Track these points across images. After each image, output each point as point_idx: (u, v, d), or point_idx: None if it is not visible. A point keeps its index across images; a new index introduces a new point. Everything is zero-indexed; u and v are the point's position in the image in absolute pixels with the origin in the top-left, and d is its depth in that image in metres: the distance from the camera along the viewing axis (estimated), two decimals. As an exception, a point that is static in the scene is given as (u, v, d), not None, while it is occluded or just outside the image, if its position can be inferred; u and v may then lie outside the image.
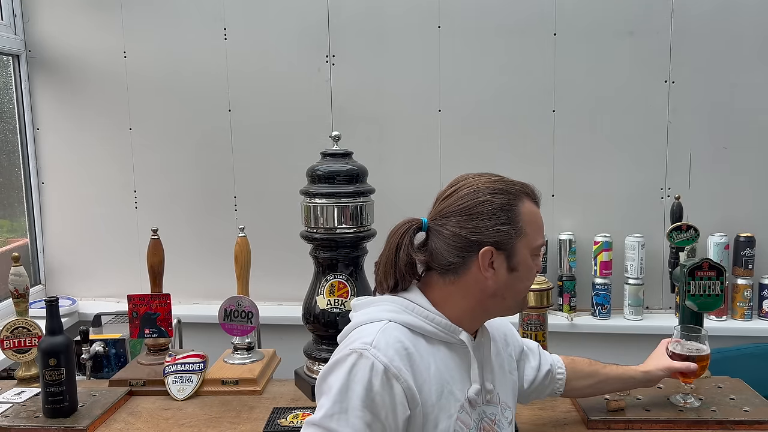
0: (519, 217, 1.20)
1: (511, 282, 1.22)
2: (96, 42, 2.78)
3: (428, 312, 1.21)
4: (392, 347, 1.13)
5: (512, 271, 1.21)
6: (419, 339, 1.19)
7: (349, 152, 1.89)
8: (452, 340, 1.22)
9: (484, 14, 2.60)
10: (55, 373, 1.66)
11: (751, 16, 2.50)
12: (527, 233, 1.21)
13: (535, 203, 1.25)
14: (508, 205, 1.20)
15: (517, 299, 1.27)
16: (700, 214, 2.39)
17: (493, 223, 1.19)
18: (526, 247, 1.21)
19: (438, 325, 1.21)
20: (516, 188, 1.24)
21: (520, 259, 1.21)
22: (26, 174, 2.88)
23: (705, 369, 1.66)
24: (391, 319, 1.19)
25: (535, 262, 1.25)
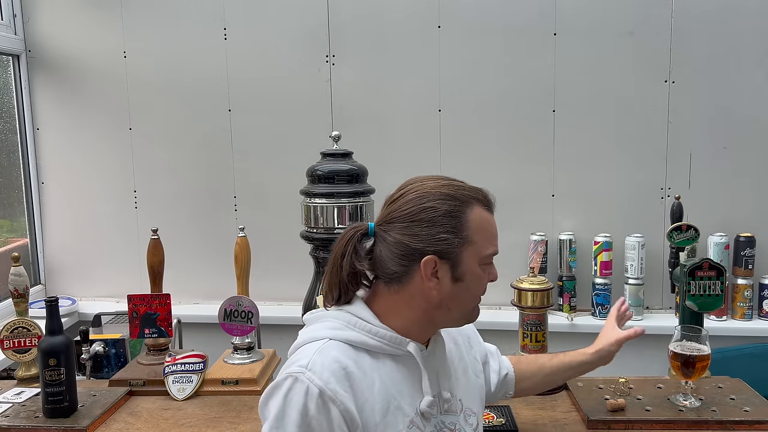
0: (465, 225, 1.14)
1: (457, 292, 1.16)
2: (96, 42, 2.78)
3: (371, 326, 1.16)
4: (328, 369, 1.09)
5: (457, 282, 1.16)
6: (362, 355, 1.14)
7: (349, 152, 1.89)
8: (399, 352, 1.17)
9: (484, 14, 2.60)
10: (55, 373, 1.66)
11: (751, 16, 2.50)
12: (475, 242, 1.15)
13: (488, 209, 1.19)
14: (454, 211, 1.14)
15: (464, 310, 1.21)
16: (701, 214, 2.39)
17: (436, 231, 1.13)
18: (474, 256, 1.16)
19: (382, 338, 1.16)
20: (465, 193, 1.17)
21: (466, 268, 1.15)
22: (26, 174, 2.88)
23: (705, 369, 1.66)
24: (331, 337, 1.15)
25: (488, 271, 1.20)
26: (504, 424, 1.63)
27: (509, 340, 2.03)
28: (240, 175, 2.79)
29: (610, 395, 1.72)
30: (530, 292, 1.84)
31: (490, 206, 1.20)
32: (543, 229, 2.65)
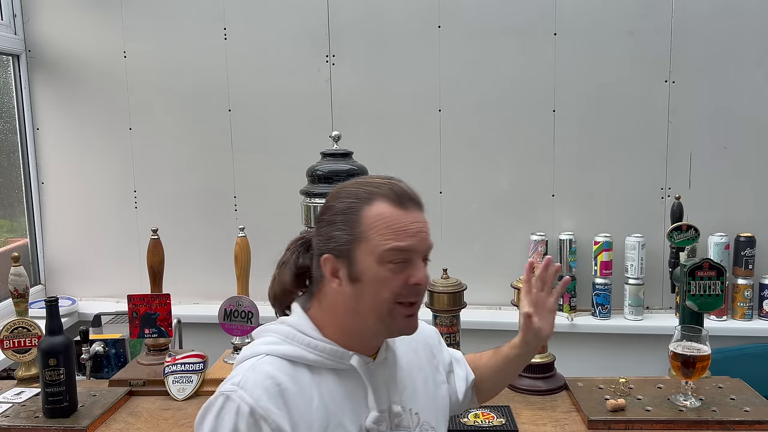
0: (360, 221, 1.08)
1: (358, 294, 1.09)
2: (96, 42, 2.78)
3: (310, 338, 1.11)
4: (260, 385, 1.05)
5: (355, 282, 1.09)
6: (301, 370, 1.10)
7: (349, 152, 1.89)
8: (342, 366, 1.12)
9: (484, 14, 2.60)
10: (55, 373, 1.66)
11: (751, 16, 2.50)
12: (369, 238, 1.07)
13: (396, 204, 1.09)
14: (350, 208, 1.09)
15: (378, 315, 1.10)
16: (701, 214, 2.39)
17: (331, 229, 1.10)
18: (369, 253, 1.07)
19: (322, 352, 1.11)
20: (369, 189, 1.11)
21: (362, 267, 1.08)
22: (26, 174, 2.88)
23: (705, 369, 1.66)
24: (268, 352, 1.11)
25: (402, 272, 1.08)
26: (504, 424, 1.63)
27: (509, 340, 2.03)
28: (240, 175, 2.79)
29: (611, 395, 1.72)
30: (530, 292, 1.83)
31: (401, 200, 1.10)
32: (543, 229, 2.65)
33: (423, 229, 1.11)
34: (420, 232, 1.10)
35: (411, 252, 1.08)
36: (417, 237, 1.09)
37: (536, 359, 1.85)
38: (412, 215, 1.10)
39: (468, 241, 2.70)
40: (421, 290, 1.11)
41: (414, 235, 1.08)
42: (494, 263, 2.67)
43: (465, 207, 2.70)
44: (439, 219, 2.69)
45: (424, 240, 1.10)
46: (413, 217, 1.10)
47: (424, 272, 1.10)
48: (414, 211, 1.10)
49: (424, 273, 1.10)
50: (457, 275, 1.93)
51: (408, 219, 1.09)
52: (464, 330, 1.92)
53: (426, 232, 1.11)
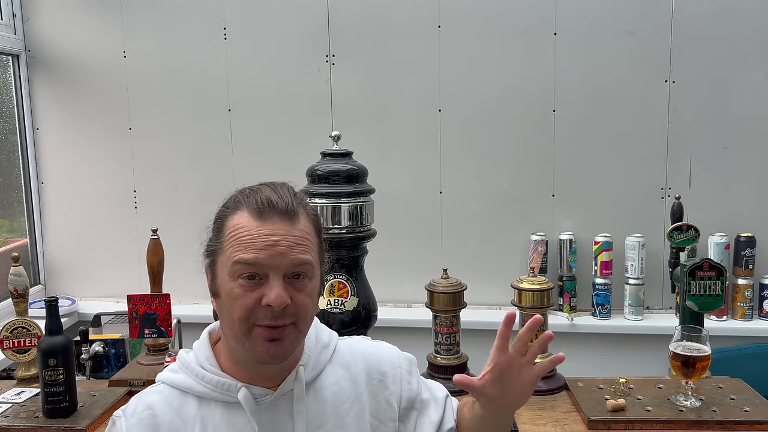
0: (223, 231, 1.03)
1: (220, 310, 1.05)
2: (96, 42, 2.78)
3: (199, 368, 1.07)
4: (138, 416, 1.04)
5: (216, 297, 1.05)
6: (190, 402, 1.05)
7: (349, 152, 1.89)
8: (231, 399, 1.04)
9: (484, 14, 2.60)
10: (55, 373, 1.66)
11: (751, 15, 2.50)
12: (225, 249, 1.01)
13: (256, 215, 1.00)
14: (219, 216, 1.06)
15: (235, 336, 1.01)
16: (701, 214, 2.39)
17: (207, 239, 1.08)
18: (224, 265, 1.02)
19: (209, 383, 1.05)
20: (238, 198, 1.05)
21: (219, 281, 1.03)
22: (26, 174, 2.87)
23: (705, 369, 1.66)
24: (164, 380, 1.09)
25: (249, 288, 0.98)
26: (504, 425, 1.62)
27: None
28: (240, 175, 2.78)
29: (611, 395, 1.72)
30: (530, 292, 1.84)
31: (261, 210, 1.00)
32: (543, 229, 2.65)
33: (281, 243, 0.98)
34: (273, 246, 0.98)
35: (260, 266, 0.98)
36: (268, 251, 0.98)
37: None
38: (270, 227, 0.99)
39: (468, 241, 2.70)
40: (277, 312, 0.98)
41: (264, 248, 0.97)
42: (494, 263, 2.67)
43: (465, 207, 2.70)
44: (439, 219, 2.69)
45: (280, 255, 0.98)
46: (270, 229, 0.99)
47: (278, 291, 0.97)
48: (274, 222, 0.99)
49: (278, 292, 0.97)
50: (457, 275, 1.93)
51: (261, 231, 0.99)
52: (464, 330, 1.92)
53: (288, 246, 0.99)
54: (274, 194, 1.01)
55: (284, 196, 1.02)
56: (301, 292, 1.01)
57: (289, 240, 0.99)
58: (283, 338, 1.00)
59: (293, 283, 1.00)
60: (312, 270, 1.03)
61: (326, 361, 1.12)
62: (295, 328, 1.02)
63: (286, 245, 0.99)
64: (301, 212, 1.03)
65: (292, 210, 1.01)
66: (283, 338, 1.00)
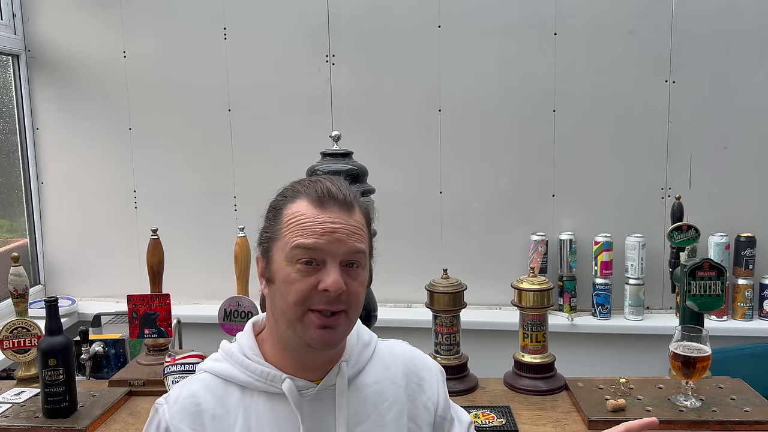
0: (280, 218, 1.04)
1: (272, 296, 1.05)
2: (96, 42, 2.78)
3: (244, 357, 1.08)
4: (180, 403, 1.05)
5: (270, 283, 1.05)
6: (232, 391, 1.06)
7: (349, 152, 1.89)
8: (275, 390, 1.05)
9: (484, 14, 2.60)
10: (55, 373, 1.66)
11: (751, 15, 2.50)
12: (283, 236, 1.02)
13: (316, 203, 1.03)
14: (276, 206, 1.07)
15: (287, 321, 1.02)
16: (701, 214, 2.39)
17: (262, 227, 1.08)
18: (281, 251, 1.02)
19: (253, 372, 1.06)
20: (296, 188, 1.07)
21: (275, 267, 1.03)
22: (26, 174, 2.87)
23: (706, 369, 1.66)
24: (207, 368, 1.10)
25: (306, 272, 1.00)
26: (504, 425, 1.63)
27: (509, 340, 2.03)
28: (240, 175, 2.79)
29: (611, 395, 1.72)
30: (530, 292, 1.84)
31: (321, 199, 1.03)
32: (543, 229, 2.64)
33: (340, 230, 1.01)
34: (333, 232, 1.01)
35: (319, 252, 1.00)
36: (327, 237, 1.00)
37: (536, 359, 1.85)
38: (330, 215, 1.02)
39: (468, 241, 2.70)
40: (332, 298, 1.00)
41: (324, 234, 1.00)
42: (494, 263, 2.67)
43: (465, 207, 2.70)
44: (439, 219, 2.69)
45: (339, 242, 1.01)
46: (330, 217, 1.01)
47: (336, 277, 0.99)
48: (334, 211, 1.02)
49: (336, 278, 0.99)
50: (457, 275, 1.93)
51: (321, 218, 1.01)
52: (464, 330, 1.92)
53: (346, 234, 1.01)
54: (333, 185, 1.05)
55: (342, 188, 1.05)
56: (354, 280, 1.03)
57: (347, 228, 1.02)
58: (335, 326, 1.02)
59: (347, 271, 1.02)
60: (365, 260, 1.06)
61: (367, 359, 1.14)
62: (347, 316, 1.04)
63: (345, 233, 1.02)
64: (356, 204, 1.06)
65: (349, 201, 1.05)
66: (336, 326, 1.02)
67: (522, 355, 1.87)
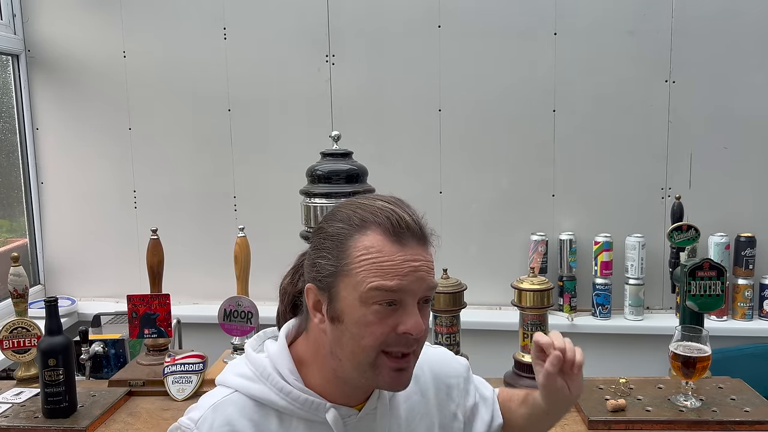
0: (348, 251, 0.93)
1: (337, 335, 0.95)
2: (96, 42, 2.78)
3: (284, 382, 0.99)
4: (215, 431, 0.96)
5: (334, 321, 0.95)
6: (270, 416, 0.99)
7: (349, 152, 1.89)
8: (316, 418, 0.99)
9: (484, 14, 2.60)
10: (55, 373, 1.66)
11: (751, 15, 2.50)
12: (354, 273, 0.92)
13: (393, 237, 0.93)
14: (339, 235, 0.95)
15: (357, 365, 0.95)
16: (701, 214, 2.39)
17: (317, 255, 0.97)
18: (352, 289, 0.92)
19: (295, 400, 0.98)
20: (363, 215, 0.95)
21: (344, 306, 0.93)
22: (25, 174, 2.87)
23: (706, 369, 1.66)
24: (238, 388, 1.00)
25: (389, 317, 0.92)
26: (504, 425, 1.62)
27: (509, 340, 2.03)
28: (240, 175, 2.79)
29: (611, 395, 1.71)
30: (530, 292, 1.84)
31: (397, 232, 0.93)
32: (543, 229, 2.64)
33: (421, 268, 0.93)
34: (416, 271, 0.93)
35: (401, 293, 0.92)
36: (410, 277, 0.92)
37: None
38: (410, 251, 0.93)
39: (468, 241, 2.70)
40: (412, 341, 0.94)
41: (406, 275, 0.92)
42: (494, 263, 2.67)
43: (465, 207, 2.70)
44: (439, 219, 2.69)
45: (420, 280, 0.93)
46: (410, 254, 0.93)
47: (417, 319, 0.93)
48: (412, 247, 0.94)
49: (417, 320, 0.93)
50: (457, 275, 1.93)
51: (402, 256, 0.92)
52: (464, 330, 1.92)
53: (426, 271, 0.94)
54: (406, 214, 0.96)
55: (415, 217, 0.97)
56: (426, 317, 0.97)
57: (426, 265, 0.95)
58: (407, 368, 0.97)
59: (422, 307, 0.96)
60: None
61: None
62: (415, 354, 0.98)
63: (425, 270, 0.95)
64: (427, 234, 0.98)
65: (425, 234, 0.97)
66: (408, 368, 0.97)
67: (522, 355, 1.87)
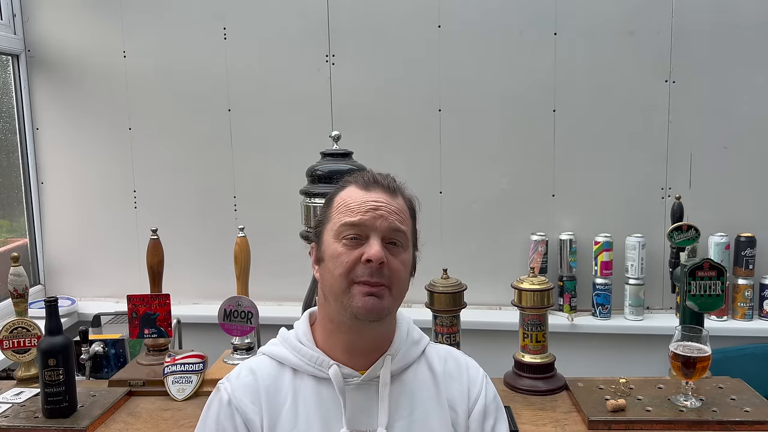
0: (331, 205, 1.15)
1: (323, 274, 1.13)
2: (95, 42, 2.78)
3: (296, 342, 1.16)
4: (241, 379, 1.13)
5: (320, 262, 1.14)
6: (286, 372, 1.14)
7: (349, 152, 1.89)
8: (323, 374, 1.12)
9: (484, 14, 2.60)
10: (55, 373, 1.66)
11: (751, 15, 2.50)
12: (332, 218, 1.13)
13: (362, 187, 1.14)
14: (330, 196, 1.17)
15: (335, 294, 1.09)
16: (701, 214, 2.39)
17: (316, 219, 1.20)
18: (330, 230, 1.12)
19: (304, 356, 1.14)
20: (347, 179, 1.18)
21: (325, 246, 1.13)
22: (26, 174, 2.87)
23: (706, 369, 1.66)
24: (264, 351, 1.19)
25: (351, 246, 1.08)
26: (504, 425, 1.62)
27: (509, 340, 2.03)
28: (240, 175, 2.79)
29: (611, 395, 1.72)
30: (530, 292, 1.84)
31: (367, 184, 1.14)
32: (543, 229, 2.64)
33: (382, 208, 1.11)
34: (376, 209, 1.10)
35: (363, 228, 1.09)
36: (370, 214, 1.10)
37: (536, 359, 1.85)
38: (374, 195, 1.12)
39: (468, 241, 2.70)
40: (375, 269, 1.07)
41: (367, 212, 1.10)
42: (494, 263, 2.67)
43: (465, 207, 2.70)
44: (439, 219, 2.69)
45: (381, 218, 1.10)
46: (374, 197, 1.11)
47: (377, 248, 1.07)
48: (378, 193, 1.12)
49: (377, 249, 1.07)
50: (457, 275, 1.93)
51: (366, 197, 1.11)
52: (464, 330, 1.92)
53: (387, 212, 1.11)
54: (379, 175, 1.16)
55: (387, 177, 1.16)
56: (395, 257, 1.11)
57: (388, 207, 1.11)
58: (380, 295, 1.08)
59: (389, 248, 1.10)
60: (406, 241, 1.14)
61: (415, 357, 1.18)
62: (390, 292, 1.10)
63: (386, 211, 1.11)
64: (399, 192, 1.16)
65: (393, 187, 1.15)
66: (380, 295, 1.08)
67: (522, 355, 1.87)
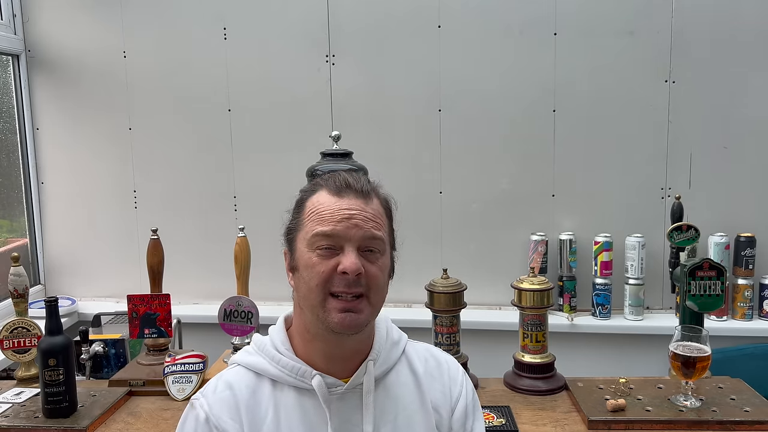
0: (303, 211, 1.10)
1: (298, 284, 1.09)
2: (96, 42, 2.78)
3: (275, 351, 1.11)
4: (218, 394, 1.09)
5: (294, 271, 1.10)
6: (264, 383, 1.10)
7: (349, 152, 1.89)
8: (304, 385, 1.08)
9: (484, 14, 2.60)
10: (55, 373, 1.66)
11: (751, 15, 2.50)
12: (304, 226, 1.08)
13: (334, 192, 1.08)
14: (300, 200, 1.13)
15: (311, 306, 1.06)
16: (701, 214, 2.39)
17: (288, 222, 1.14)
18: (303, 239, 1.08)
19: (284, 367, 1.09)
20: (317, 182, 1.13)
21: (298, 255, 1.08)
22: (26, 174, 2.87)
23: (706, 369, 1.66)
24: (239, 362, 1.14)
25: (326, 256, 1.04)
26: (504, 425, 1.63)
27: (509, 340, 2.03)
28: (240, 175, 2.79)
29: (611, 395, 1.72)
30: (530, 292, 1.84)
31: (338, 189, 1.08)
32: (543, 229, 2.64)
33: (356, 216, 1.06)
34: (350, 219, 1.05)
35: (337, 238, 1.05)
36: (344, 223, 1.05)
37: (536, 359, 1.85)
38: (347, 202, 1.07)
39: (468, 241, 2.70)
40: (351, 280, 1.03)
41: (341, 221, 1.05)
42: (494, 263, 2.67)
43: (465, 207, 2.70)
44: (439, 219, 2.69)
45: (355, 227, 1.05)
46: (347, 205, 1.06)
47: (353, 259, 1.03)
48: (350, 199, 1.07)
49: (353, 260, 1.03)
50: (457, 275, 1.93)
51: (338, 205, 1.06)
52: (464, 330, 1.92)
53: (362, 220, 1.06)
54: (351, 177, 1.10)
55: (360, 180, 1.11)
56: (373, 264, 1.07)
57: (363, 215, 1.07)
58: (357, 310, 1.05)
59: (366, 255, 1.06)
60: (383, 246, 1.09)
61: (396, 358, 1.16)
62: (368, 301, 1.07)
63: (361, 219, 1.06)
64: (373, 194, 1.11)
65: (366, 190, 1.10)
66: (358, 310, 1.05)
67: (522, 355, 1.87)
